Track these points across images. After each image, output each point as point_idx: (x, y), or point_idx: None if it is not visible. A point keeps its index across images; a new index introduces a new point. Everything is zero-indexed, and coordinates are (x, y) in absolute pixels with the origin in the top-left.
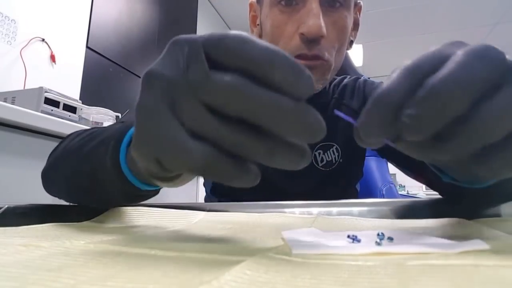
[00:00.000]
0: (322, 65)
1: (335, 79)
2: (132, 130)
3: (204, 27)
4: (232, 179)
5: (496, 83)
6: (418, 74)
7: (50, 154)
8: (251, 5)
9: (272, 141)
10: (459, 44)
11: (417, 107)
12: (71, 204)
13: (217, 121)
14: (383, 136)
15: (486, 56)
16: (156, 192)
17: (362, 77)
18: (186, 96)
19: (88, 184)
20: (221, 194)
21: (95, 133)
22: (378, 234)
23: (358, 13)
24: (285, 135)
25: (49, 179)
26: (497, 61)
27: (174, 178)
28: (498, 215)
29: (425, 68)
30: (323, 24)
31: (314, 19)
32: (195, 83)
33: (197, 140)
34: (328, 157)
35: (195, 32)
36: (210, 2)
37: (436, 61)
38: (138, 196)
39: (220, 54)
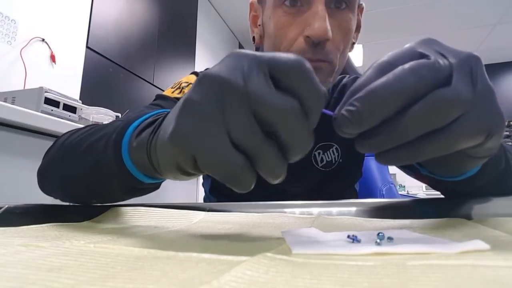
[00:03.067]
0: (326, 67)
1: None
2: (136, 123)
3: (204, 27)
4: (243, 187)
5: (424, 93)
6: (386, 72)
7: (45, 154)
8: (251, 5)
9: (281, 161)
10: (427, 44)
11: (354, 104)
12: (71, 204)
13: (262, 136)
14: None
15: (419, 72)
16: (157, 186)
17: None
18: (242, 103)
19: (87, 178)
20: (220, 194)
21: (94, 129)
22: (378, 234)
23: (360, 14)
24: (287, 153)
25: (46, 178)
26: (427, 77)
27: (196, 175)
28: (497, 215)
29: (393, 67)
30: (329, 27)
31: (320, 22)
32: (255, 93)
33: (236, 148)
34: (328, 157)
35: (195, 32)
36: (210, 2)
37: (402, 61)
38: (139, 189)
39: (282, 74)
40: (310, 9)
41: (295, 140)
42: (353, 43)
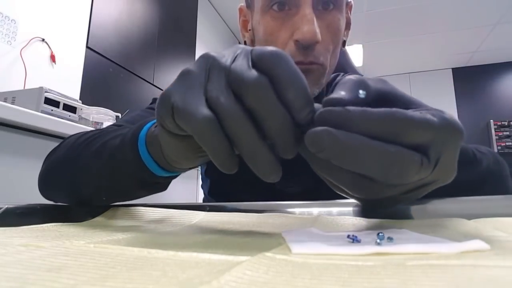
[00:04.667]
0: (317, 69)
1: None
2: (150, 124)
3: (204, 27)
4: (218, 155)
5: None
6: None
7: (46, 159)
8: (240, 10)
9: (260, 143)
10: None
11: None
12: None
13: (232, 101)
14: None
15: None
16: (166, 184)
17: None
18: (222, 74)
19: (101, 174)
20: (218, 195)
21: (105, 131)
22: (378, 234)
23: (349, 12)
24: (272, 142)
25: (51, 181)
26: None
27: (185, 139)
28: (497, 215)
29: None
30: (317, 30)
31: (309, 25)
32: (234, 69)
33: (209, 109)
34: None
35: (195, 32)
36: (210, 2)
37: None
38: (151, 184)
39: (260, 60)
40: (298, 12)
41: (265, 114)
42: (344, 41)
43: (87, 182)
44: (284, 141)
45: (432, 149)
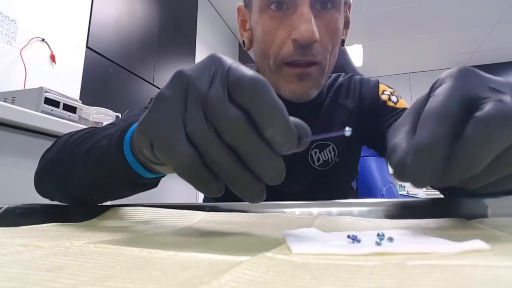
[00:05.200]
0: (316, 70)
1: (330, 76)
2: (136, 125)
3: (204, 27)
4: (202, 188)
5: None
6: (452, 122)
7: (43, 156)
8: (239, 9)
9: (244, 175)
10: (473, 79)
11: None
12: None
13: (212, 137)
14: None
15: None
16: (156, 182)
17: (357, 76)
18: (198, 102)
19: (90, 175)
20: (219, 196)
21: (96, 130)
22: (378, 234)
23: (348, 11)
24: (254, 172)
25: (45, 178)
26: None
27: (164, 165)
28: (497, 215)
29: (456, 116)
30: (315, 29)
31: (307, 24)
32: (211, 100)
33: (190, 144)
34: (325, 157)
35: (195, 32)
36: (210, 2)
37: (460, 109)
38: (140, 184)
39: (237, 90)
40: (295, 12)
41: (246, 150)
42: (343, 40)
43: (78, 182)
44: (268, 173)
45: None
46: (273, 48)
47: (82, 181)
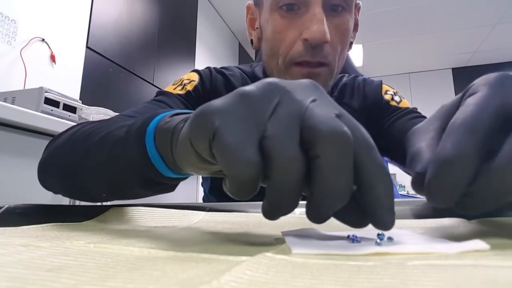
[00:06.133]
0: (325, 71)
1: None
2: (163, 114)
3: (204, 27)
4: (240, 196)
5: None
6: (484, 136)
7: (48, 146)
8: (248, 7)
9: (296, 201)
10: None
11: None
12: (71, 204)
13: (297, 151)
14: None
15: None
16: (175, 184)
17: (360, 76)
18: (296, 111)
19: (102, 168)
20: (219, 194)
21: (106, 122)
22: (378, 234)
23: (357, 13)
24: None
25: (49, 170)
26: None
27: (210, 164)
28: (497, 215)
29: (489, 130)
30: (327, 29)
31: (318, 25)
32: (316, 112)
33: (259, 152)
34: None
35: (195, 32)
36: (210, 2)
37: (494, 122)
38: (156, 183)
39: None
40: (307, 12)
41: (332, 172)
42: (351, 43)
43: (86, 175)
44: (327, 210)
45: None
46: (283, 47)
47: (92, 174)
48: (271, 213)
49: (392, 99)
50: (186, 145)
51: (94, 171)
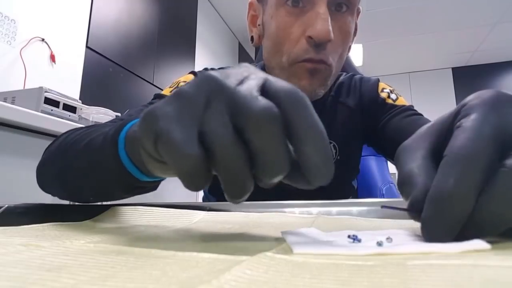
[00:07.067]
0: (325, 69)
1: None
2: (135, 121)
3: (204, 27)
4: (192, 188)
5: None
6: (482, 168)
7: (45, 151)
8: (251, 4)
9: (249, 184)
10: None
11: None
12: (70, 203)
13: (231, 139)
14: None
15: None
16: (155, 185)
17: (358, 75)
18: (223, 103)
19: (86, 175)
20: (219, 193)
21: (94, 127)
22: (378, 235)
23: (357, 17)
24: (257, 172)
25: (44, 174)
26: None
27: (165, 164)
28: None
29: (487, 161)
30: (331, 28)
31: (323, 23)
32: (241, 94)
33: (200, 144)
34: None
35: (195, 32)
36: (210, 2)
37: (492, 153)
38: (137, 187)
39: (276, 93)
40: (312, 9)
41: (267, 153)
42: (350, 46)
43: (73, 181)
44: (271, 178)
45: None
46: (287, 44)
47: (78, 180)
48: (232, 198)
49: (389, 97)
50: (140, 149)
51: (79, 177)
